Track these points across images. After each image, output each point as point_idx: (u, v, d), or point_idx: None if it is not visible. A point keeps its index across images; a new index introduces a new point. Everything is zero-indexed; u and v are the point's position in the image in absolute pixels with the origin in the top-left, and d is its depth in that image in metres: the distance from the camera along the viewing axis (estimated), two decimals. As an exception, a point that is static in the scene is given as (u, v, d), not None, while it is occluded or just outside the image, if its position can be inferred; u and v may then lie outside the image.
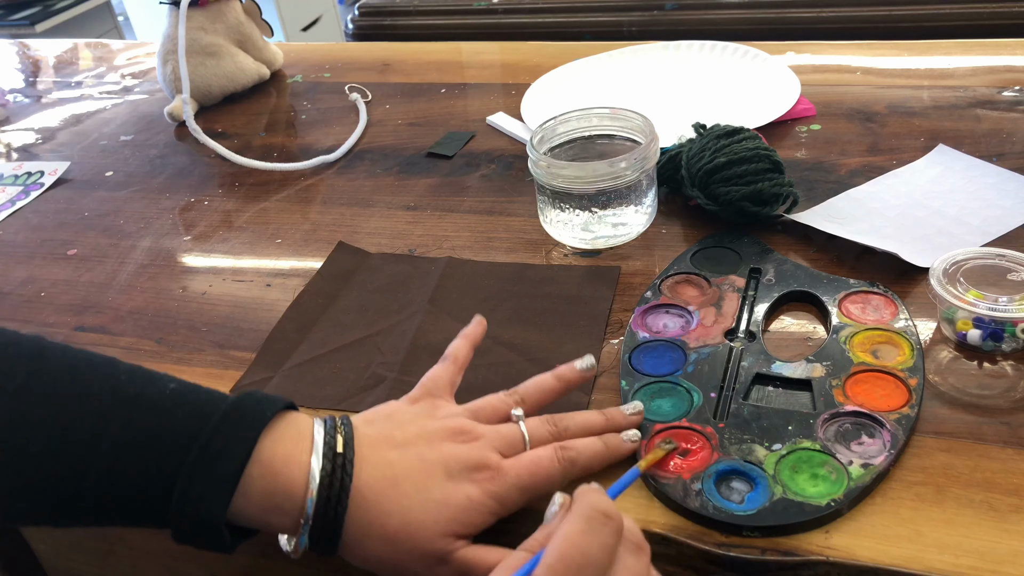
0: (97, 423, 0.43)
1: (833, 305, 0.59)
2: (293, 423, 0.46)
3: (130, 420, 0.43)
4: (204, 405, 0.45)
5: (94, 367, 0.46)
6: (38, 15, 2.61)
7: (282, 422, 0.45)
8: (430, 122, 0.96)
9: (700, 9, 1.43)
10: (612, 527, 0.38)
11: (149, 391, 0.45)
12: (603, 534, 0.38)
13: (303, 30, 3.09)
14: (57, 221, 0.86)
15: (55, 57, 1.35)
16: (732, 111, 0.87)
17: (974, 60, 0.93)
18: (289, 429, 0.45)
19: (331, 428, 0.46)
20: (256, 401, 0.45)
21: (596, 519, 0.38)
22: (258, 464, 0.43)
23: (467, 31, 1.53)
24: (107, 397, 0.44)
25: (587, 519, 0.38)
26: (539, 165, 0.67)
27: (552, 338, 0.61)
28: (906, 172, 0.75)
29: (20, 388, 0.44)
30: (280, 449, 0.44)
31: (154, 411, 0.44)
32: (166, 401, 0.44)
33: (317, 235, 0.77)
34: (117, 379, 0.45)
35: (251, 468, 0.43)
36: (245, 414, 0.44)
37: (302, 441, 0.44)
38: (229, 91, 1.06)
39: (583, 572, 0.36)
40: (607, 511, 0.38)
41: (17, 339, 0.47)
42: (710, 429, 0.51)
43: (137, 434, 0.43)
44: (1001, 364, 0.54)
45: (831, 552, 0.44)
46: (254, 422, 0.44)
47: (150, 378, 0.46)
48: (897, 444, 0.48)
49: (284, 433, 0.45)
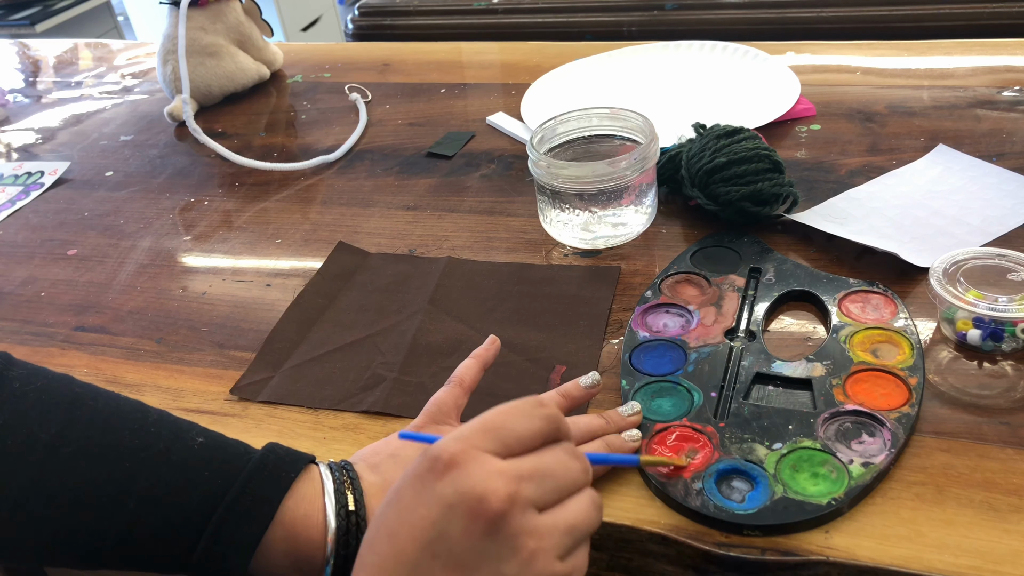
0: (126, 480, 0.44)
1: (833, 304, 0.59)
2: (312, 481, 0.46)
3: (158, 477, 0.44)
4: (232, 460, 0.46)
5: (123, 417, 0.47)
6: (38, 15, 2.61)
7: (302, 481, 0.46)
8: (430, 122, 0.96)
9: (700, 9, 1.43)
10: (542, 413, 0.39)
11: (177, 446, 0.46)
12: (531, 415, 0.39)
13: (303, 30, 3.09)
14: (57, 221, 0.86)
15: (55, 57, 1.35)
16: (732, 111, 0.87)
17: (974, 60, 0.93)
18: (308, 489, 0.46)
19: (339, 482, 0.46)
20: (279, 459, 0.46)
21: (528, 402, 0.40)
22: (280, 527, 0.44)
23: (467, 31, 1.53)
24: (137, 452, 0.45)
25: (520, 401, 0.39)
26: (539, 165, 0.67)
27: (552, 338, 0.61)
28: (906, 172, 0.75)
29: (53, 439, 0.44)
30: (301, 510, 0.45)
31: (182, 468, 0.45)
32: (193, 457, 0.45)
33: (317, 235, 0.77)
34: (147, 432, 0.46)
35: (274, 530, 0.44)
36: (270, 474, 0.45)
37: (318, 499, 0.45)
38: (229, 91, 1.06)
39: (498, 432, 0.38)
40: (541, 400, 0.40)
41: (50, 385, 0.47)
42: (711, 428, 0.51)
43: (165, 491, 0.44)
44: (1001, 364, 0.54)
45: (831, 552, 0.44)
46: (279, 482, 0.45)
47: (177, 431, 0.47)
48: (897, 443, 0.48)
49: (304, 494, 0.45)
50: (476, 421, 0.39)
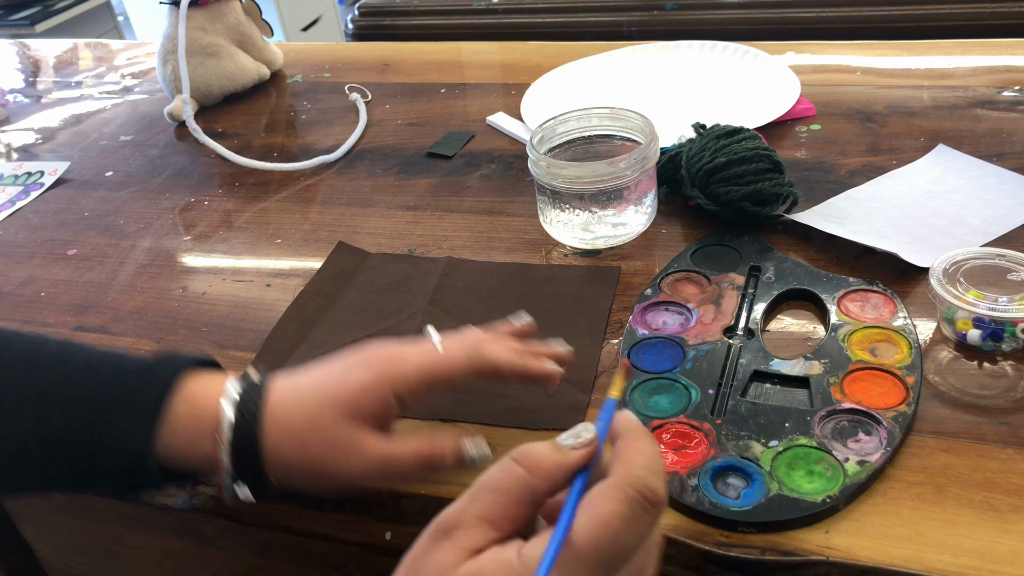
0: (25, 389, 0.46)
1: (832, 303, 0.59)
2: (213, 371, 0.49)
3: (60, 376, 0.46)
4: (127, 361, 0.48)
5: (24, 338, 0.49)
6: (38, 15, 2.61)
7: (203, 370, 0.49)
8: (430, 122, 0.96)
9: (700, 9, 1.43)
10: (655, 515, 0.32)
11: (77, 354, 0.48)
12: (644, 523, 0.32)
13: (303, 30, 3.09)
14: (57, 221, 0.86)
15: (55, 57, 1.36)
16: (732, 111, 0.87)
17: (974, 60, 0.93)
18: (208, 373, 0.48)
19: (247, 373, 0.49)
20: (176, 353, 0.49)
21: (641, 505, 0.32)
22: (181, 397, 0.46)
23: (467, 31, 1.54)
24: (34, 366, 0.47)
25: (631, 503, 0.32)
26: (539, 165, 0.67)
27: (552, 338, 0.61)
28: (906, 172, 0.75)
29: None
30: (200, 385, 0.47)
31: (84, 370, 0.47)
32: (94, 360, 0.48)
33: (317, 235, 0.77)
34: (45, 346, 0.49)
35: (175, 401, 0.45)
36: (166, 360, 0.48)
37: (219, 375, 0.48)
38: (229, 91, 1.06)
39: (614, 565, 0.31)
40: (655, 497, 0.32)
41: None
42: (707, 425, 0.51)
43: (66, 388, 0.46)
44: (1001, 364, 0.54)
45: (831, 552, 0.44)
46: (178, 364, 0.47)
47: (79, 346, 0.50)
48: (894, 441, 0.48)
49: (204, 374, 0.48)
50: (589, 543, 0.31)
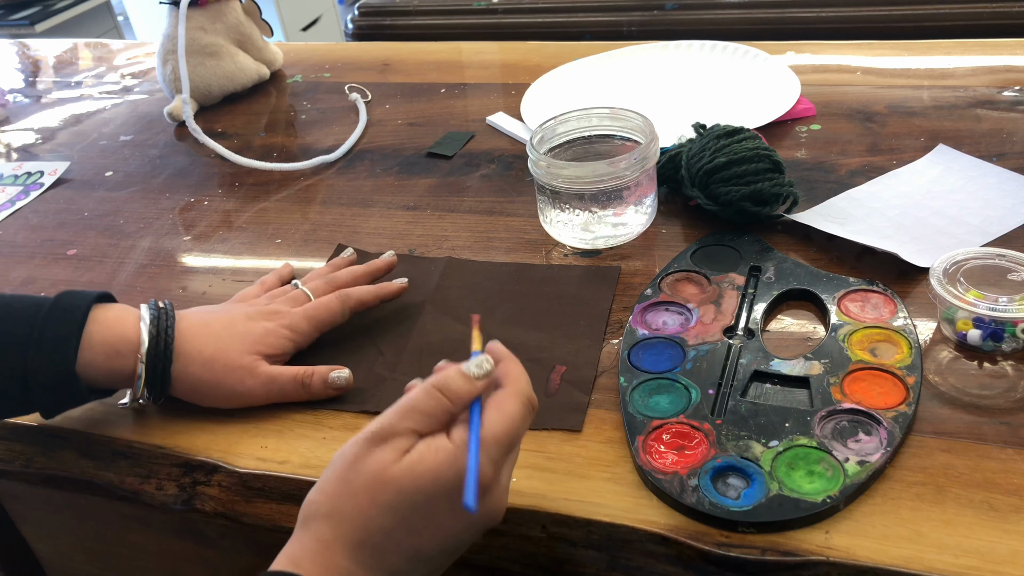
0: None
1: (832, 303, 0.59)
2: (121, 305, 0.58)
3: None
4: (38, 299, 0.55)
5: None
6: (38, 15, 2.61)
7: (113, 304, 0.57)
8: (430, 122, 0.96)
9: (700, 9, 1.43)
10: (532, 417, 0.45)
11: None
12: (527, 421, 0.45)
13: (303, 30, 3.09)
14: (57, 221, 0.86)
15: (55, 57, 1.36)
16: (732, 111, 0.87)
17: (974, 60, 0.93)
18: (118, 306, 0.57)
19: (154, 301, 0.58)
20: (79, 291, 0.57)
21: (528, 408, 0.45)
22: (95, 323, 0.54)
23: (467, 31, 1.54)
24: None
25: (524, 407, 0.44)
26: (539, 165, 0.67)
27: (552, 338, 0.61)
28: (906, 172, 0.75)
29: None
30: (113, 312, 0.56)
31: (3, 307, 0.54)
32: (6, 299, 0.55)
33: (317, 235, 0.77)
34: None
35: (90, 326, 0.54)
36: (74, 294, 0.55)
37: (131, 308, 0.57)
38: (229, 91, 1.06)
39: (511, 448, 0.44)
40: (534, 404, 0.45)
41: None
42: (708, 426, 0.51)
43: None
44: (1001, 364, 0.54)
45: (831, 552, 0.44)
46: (87, 297, 0.55)
47: None
48: (894, 441, 0.48)
49: (114, 306, 0.57)
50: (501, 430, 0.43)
